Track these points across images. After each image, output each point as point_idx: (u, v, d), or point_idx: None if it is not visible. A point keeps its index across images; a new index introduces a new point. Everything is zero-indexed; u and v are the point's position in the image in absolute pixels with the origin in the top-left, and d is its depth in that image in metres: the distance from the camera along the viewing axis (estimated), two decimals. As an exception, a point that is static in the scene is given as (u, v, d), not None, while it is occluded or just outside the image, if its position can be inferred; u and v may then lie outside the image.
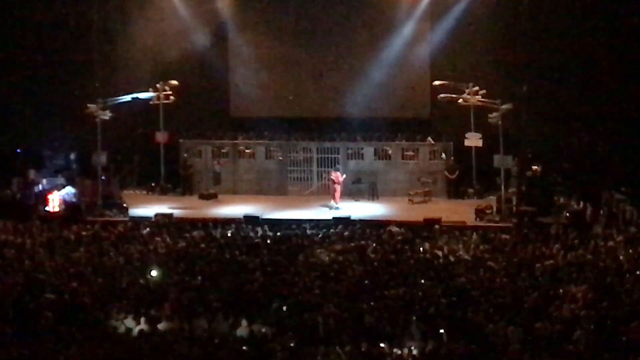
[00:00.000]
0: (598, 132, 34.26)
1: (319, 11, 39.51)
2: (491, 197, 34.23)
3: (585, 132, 34.44)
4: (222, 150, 38.40)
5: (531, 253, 24.77)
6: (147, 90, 36.27)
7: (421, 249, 25.57)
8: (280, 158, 38.06)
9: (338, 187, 34.97)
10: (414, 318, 18.23)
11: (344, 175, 35.45)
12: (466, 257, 24.62)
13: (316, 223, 30.46)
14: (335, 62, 39.61)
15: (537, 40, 34.83)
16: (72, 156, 37.53)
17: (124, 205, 34.00)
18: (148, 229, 28.85)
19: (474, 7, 36.76)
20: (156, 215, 31.64)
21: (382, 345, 16.99)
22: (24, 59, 36.64)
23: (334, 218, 31.30)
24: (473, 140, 35.04)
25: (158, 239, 27.00)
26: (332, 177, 35.32)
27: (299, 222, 30.71)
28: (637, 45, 33.76)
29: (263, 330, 17.99)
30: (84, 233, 28.12)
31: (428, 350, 16.79)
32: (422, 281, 21.52)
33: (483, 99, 33.62)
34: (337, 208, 34.29)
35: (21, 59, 36.64)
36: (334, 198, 34.78)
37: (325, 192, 36.68)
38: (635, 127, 33.60)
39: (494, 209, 32.53)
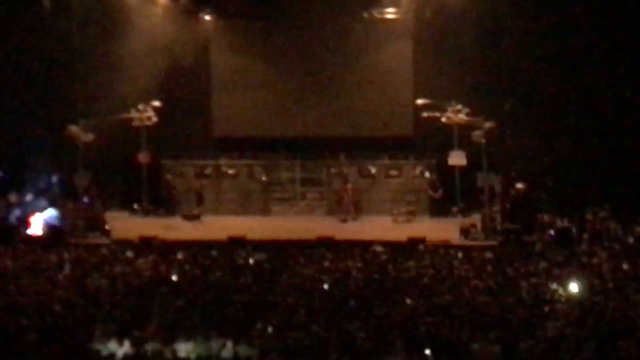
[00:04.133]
0: (582, 150, 34.29)
1: (301, 31, 39.63)
2: (475, 215, 34.21)
3: (569, 150, 34.48)
4: (205, 171, 38.35)
5: (516, 271, 24.73)
6: (129, 111, 36.21)
7: (405, 268, 25.49)
8: (264, 178, 38.04)
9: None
10: (399, 337, 18.14)
11: None
12: (451, 275, 24.55)
13: (300, 243, 30.37)
14: (318, 82, 39.64)
15: (520, 58, 34.90)
16: (54, 178, 37.32)
17: (107, 227, 33.85)
18: (131, 251, 28.69)
19: (456, 25, 36.75)
20: (139, 237, 31.52)
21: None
22: (4, 80, 36.37)
23: (317, 238, 31.23)
24: (457, 158, 34.96)
25: (141, 260, 26.87)
26: (349, 191, 35.94)
27: (282, 243, 30.59)
28: (621, 62, 33.81)
29: (248, 351, 17.87)
30: (66, 256, 27.94)
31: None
32: (407, 300, 21.45)
33: (466, 117, 33.66)
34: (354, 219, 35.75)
35: (1, 82, 36.37)
36: (351, 210, 35.95)
37: (308, 212, 36.84)
38: (619, 145, 33.68)
39: (479, 227, 32.54)
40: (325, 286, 23.16)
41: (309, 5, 38.35)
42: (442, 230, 33.04)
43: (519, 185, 33.22)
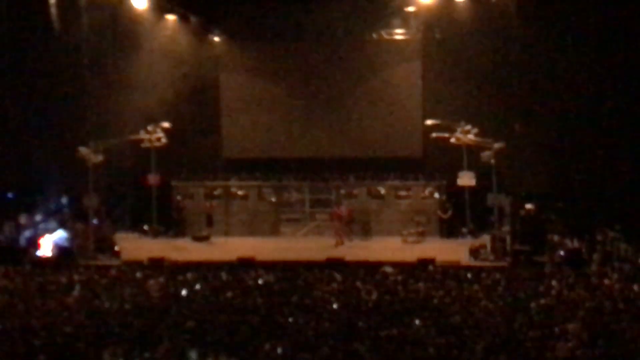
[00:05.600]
0: (592, 170, 34.23)
1: (311, 53, 39.73)
2: (485, 236, 34.15)
3: (579, 170, 34.42)
4: (215, 192, 38.38)
5: (526, 292, 24.65)
6: (138, 133, 36.28)
7: (415, 289, 25.43)
8: (273, 199, 38.05)
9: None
10: (409, 359, 18.07)
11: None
12: (460, 296, 24.48)
13: (310, 264, 30.33)
14: (327, 103, 39.73)
15: (529, 79, 34.91)
16: (64, 200, 37.35)
17: (117, 248, 33.85)
18: (141, 272, 28.67)
19: (465, 46, 36.84)
20: (149, 258, 31.50)
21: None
22: (14, 101, 36.46)
23: (327, 259, 31.19)
24: (466, 179, 35.04)
25: (151, 282, 26.85)
26: (344, 214, 35.82)
27: (292, 264, 30.55)
28: (632, 83, 33.77)
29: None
30: (76, 277, 27.94)
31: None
32: (417, 321, 21.38)
33: (475, 138, 33.65)
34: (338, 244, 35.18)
35: (12, 103, 36.48)
36: (345, 234, 35.54)
37: (318, 233, 36.83)
38: (629, 165, 33.60)
39: (488, 248, 32.46)
40: (335, 307, 23.12)
41: (318, 26, 38.47)
42: (452, 251, 33.00)
43: (529, 206, 33.11)
